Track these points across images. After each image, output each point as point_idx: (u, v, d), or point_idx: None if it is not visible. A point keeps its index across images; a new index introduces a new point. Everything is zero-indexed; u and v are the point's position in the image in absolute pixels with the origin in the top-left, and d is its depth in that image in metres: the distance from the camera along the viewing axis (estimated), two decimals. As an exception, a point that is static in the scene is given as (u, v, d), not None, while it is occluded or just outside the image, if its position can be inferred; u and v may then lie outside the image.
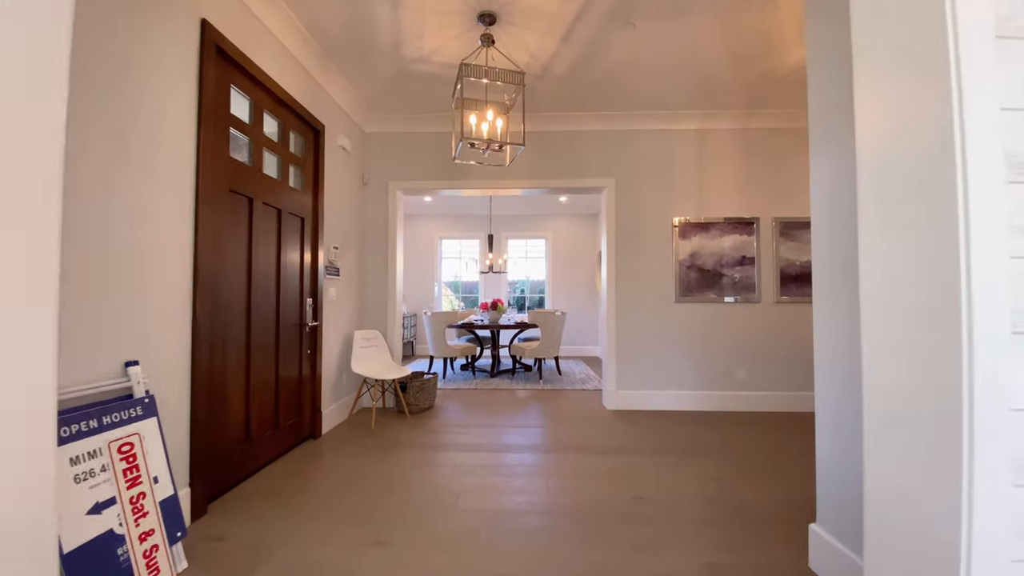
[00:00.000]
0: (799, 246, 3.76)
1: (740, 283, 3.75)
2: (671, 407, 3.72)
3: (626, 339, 3.76)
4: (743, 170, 3.80)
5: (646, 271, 3.78)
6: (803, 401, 3.73)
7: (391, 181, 3.88)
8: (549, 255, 7.33)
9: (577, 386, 4.64)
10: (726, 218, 3.76)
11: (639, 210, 3.80)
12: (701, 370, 3.75)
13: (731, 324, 3.74)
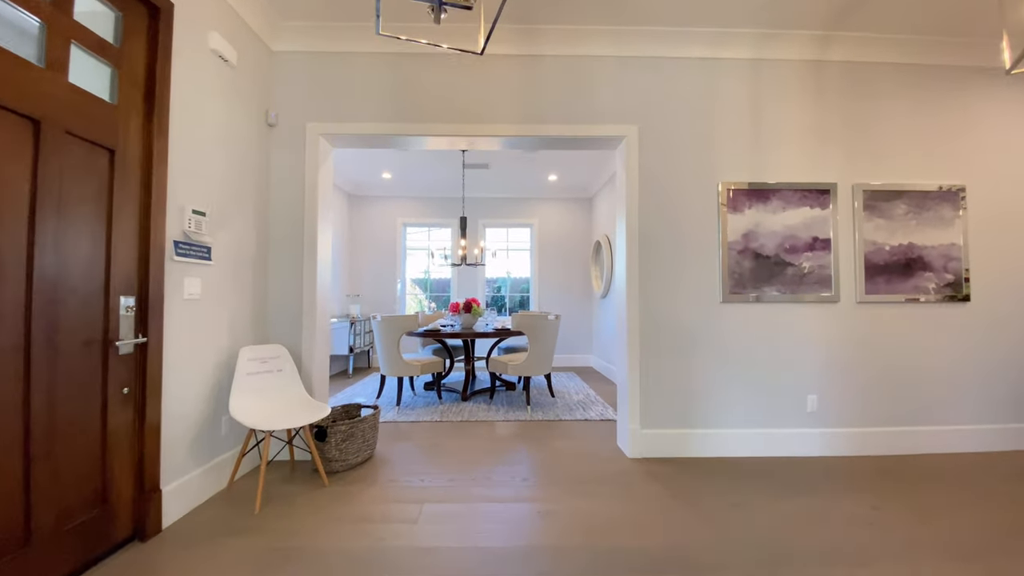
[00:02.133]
0: (890, 224, 2.70)
1: (811, 275, 2.66)
2: (720, 453, 2.60)
3: (654, 358, 2.62)
4: (815, 118, 2.72)
5: (682, 259, 2.65)
6: (904, 440, 2.67)
7: (312, 123, 2.63)
8: (535, 246, 6.16)
9: (577, 414, 3.48)
10: (791, 184, 2.67)
11: (672, 170, 2.67)
12: (760, 399, 2.64)
13: (799, 332, 2.65)
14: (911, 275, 2.70)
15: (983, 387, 2.70)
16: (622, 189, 2.70)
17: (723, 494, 2.08)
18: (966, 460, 2.53)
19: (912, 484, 2.20)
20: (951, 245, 2.71)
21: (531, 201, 6.19)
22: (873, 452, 2.64)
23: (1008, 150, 2.78)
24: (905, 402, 2.67)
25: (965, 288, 2.70)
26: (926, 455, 2.61)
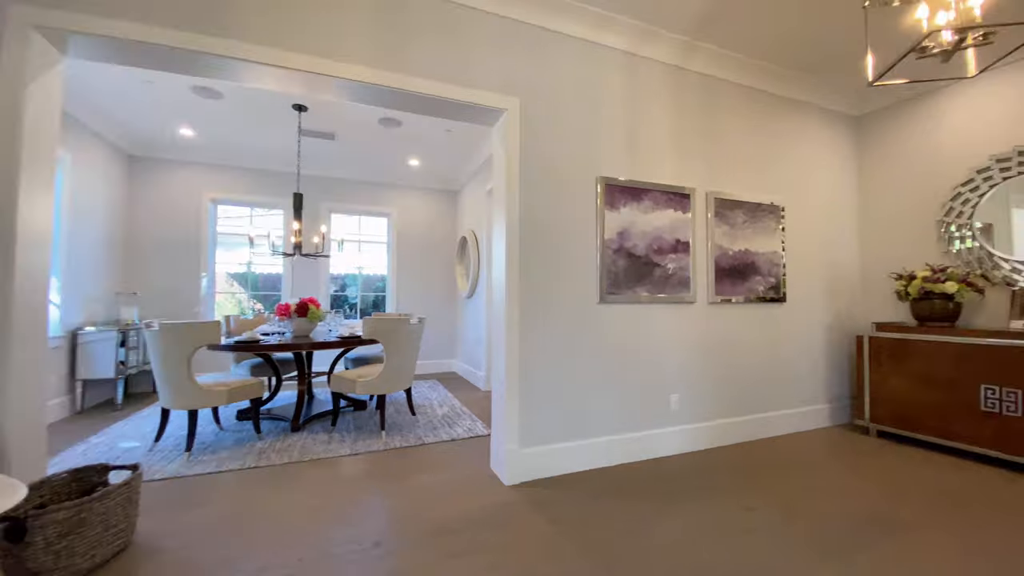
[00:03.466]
0: (732, 231, 2.94)
1: (674, 276, 2.72)
2: (601, 463, 2.43)
3: (536, 365, 2.31)
4: (679, 124, 2.79)
5: (563, 256, 2.40)
6: (744, 429, 2.91)
7: (18, 4, 1.57)
8: (393, 240, 5.45)
9: (442, 433, 2.99)
10: (660, 186, 2.68)
11: (555, 158, 2.40)
12: (634, 401, 2.57)
13: (664, 333, 2.67)
14: (747, 278, 2.98)
15: (796, 376, 3.15)
16: (501, 174, 2.32)
17: (612, 518, 1.86)
18: (790, 442, 2.88)
19: (763, 475, 2.35)
20: (774, 252, 3.09)
21: (389, 188, 5.45)
22: (724, 443, 2.82)
23: (812, 177, 3.31)
24: (745, 393, 2.93)
25: (783, 290, 3.11)
26: (762, 440, 2.90)
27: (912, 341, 2.83)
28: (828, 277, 3.36)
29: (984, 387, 2.48)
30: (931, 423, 2.71)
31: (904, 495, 2.08)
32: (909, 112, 3.25)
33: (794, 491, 2.12)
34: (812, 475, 2.32)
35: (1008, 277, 2.72)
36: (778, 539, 1.70)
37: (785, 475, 2.32)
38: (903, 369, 2.87)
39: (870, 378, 3.05)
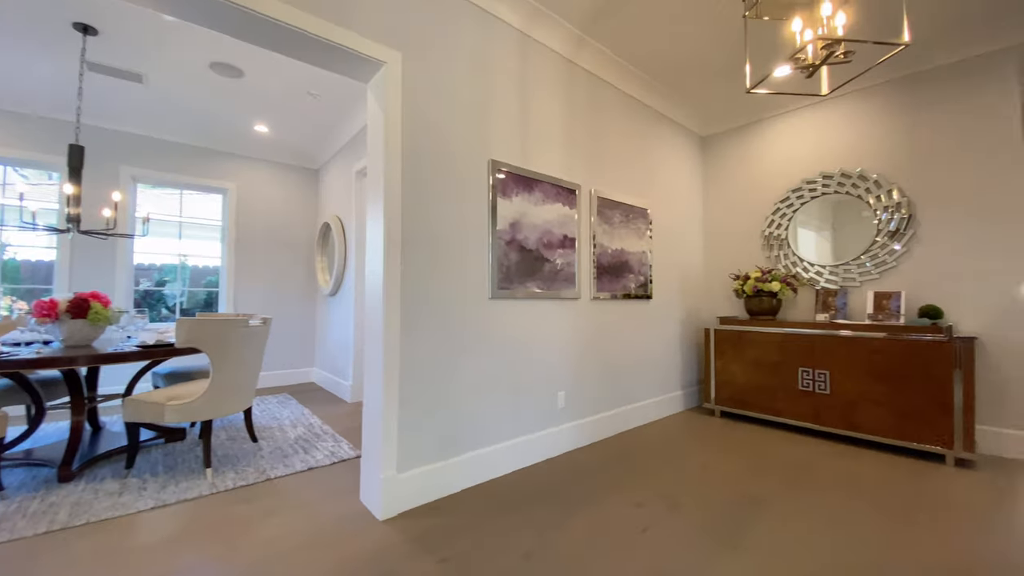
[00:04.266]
0: (611, 230, 3.03)
1: (562, 272, 2.66)
2: (493, 474, 2.20)
3: (418, 372, 1.97)
4: (569, 118, 2.74)
5: (452, 246, 2.11)
6: (620, 420, 3.00)
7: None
8: (231, 223, 4.42)
9: (296, 463, 2.41)
10: (550, 178, 2.59)
11: (443, 129, 2.09)
12: (524, 402, 2.41)
13: (553, 329, 2.59)
14: (623, 276, 3.10)
15: (659, 367, 3.40)
16: (378, 143, 1.92)
17: (509, 538, 1.64)
18: (656, 428, 3.07)
19: (642, 465, 2.41)
20: (643, 253, 3.29)
21: (226, 157, 4.41)
22: (605, 435, 2.87)
23: (672, 186, 3.63)
24: (620, 386, 3.03)
25: (650, 288, 3.33)
26: (635, 429, 3.03)
27: (747, 332, 3.28)
28: (682, 277, 3.73)
29: (801, 370, 2.98)
30: (763, 402, 3.18)
31: (758, 470, 2.33)
32: (743, 137, 3.80)
33: (670, 479, 2.21)
34: (680, 460, 2.47)
35: (813, 279, 3.35)
36: (672, 533, 1.69)
37: (659, 463, 2.42)
38: (740, 357, 3.31)
39: (715, 365, 3.46)
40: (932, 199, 2.83)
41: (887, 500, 1.97)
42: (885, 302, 2.99)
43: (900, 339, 2.57)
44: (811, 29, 1.58)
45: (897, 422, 2.56)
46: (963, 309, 2.70)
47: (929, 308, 2.71)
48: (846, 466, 2.38)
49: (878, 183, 3.04)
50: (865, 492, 2.05)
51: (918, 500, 1.97)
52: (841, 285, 3.22)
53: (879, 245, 3.04)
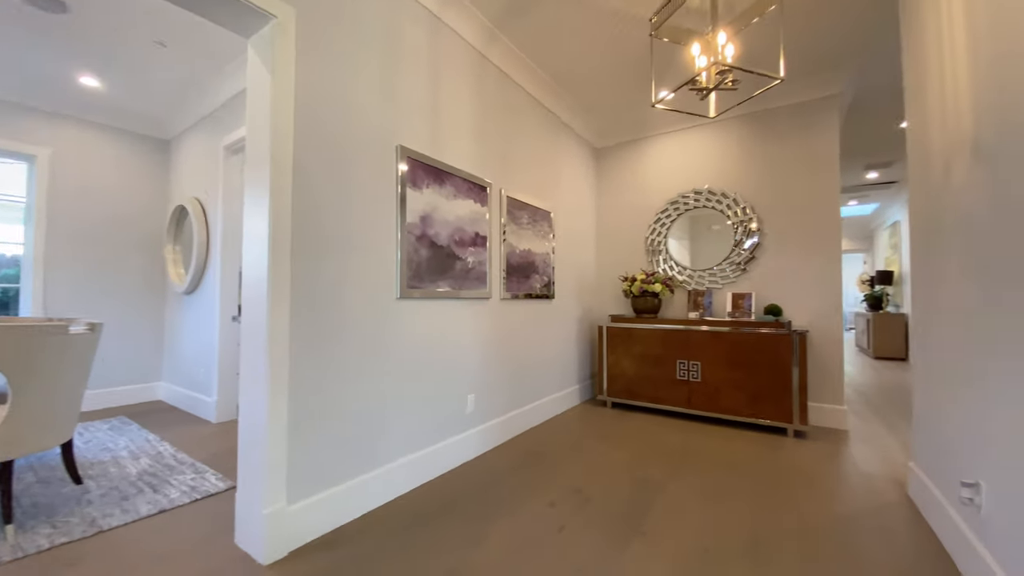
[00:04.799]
0: (519, 230, 3.04)
1: (474, 271, 2.58)
2: (400, 491, 2.00)
3: (313, 383, 1.70)
4: (480, 112, 2.67)
5: (355, 238, 1.87)
6: (526, 418, 3.02)
7: None
8: (42, 200, 3.38)
9: (140, 506, 1.91)
10: (462, 172, 2.49)
11: (345, 104, 1.85)
12: (433, 410, 2.26)
13: (464, 330, 2.49)
14: (529, 276, 3.15)
15: (559, 363, 3.53)
16: (263, 113, 1.60)
17: (424, 563, 1.50)
18: (558, 423, 3.18)
19: (549, 462, 2.45)
20: (547, 254, 3.38)
21: (37, 115, 3.36)
22: (512, 435, 2.86)
23: (571, 191, 3.80)
24: (525, 384, 3.06)
25: (552, 288, 3.44)
26: (539, 426, 3.09)
27: (634, 329, 3.59)
28: (579, 278, 3.94)
29: (678, 361, 3.36)
30: (648, 392, 3.50)
31: (649, 456, 2.54)
32: (631, 151, 4.16)
33: (576, 473, 2.29)
34: (582, 453, 2.58)
35: (686, 282, 3.80)
36: (586, 528, 1.73)
37: (565, 458, 2.50)
38: (629, 351, 3.61)
39: (607, 360, 3.72)
40: (773, 215, 3.42)
41: (751, 472, 2.30)
42: (740, 301, 3.53)
43: (752, 333, 3.05)
44: (706, 56, 1.76)
45: (751, 403, 3.04)
46: (796, 307, 3.32)
47: (772, 307, 3.27)
48: (716, 445, 2.73)
49: (736, 200, 3.57)
50: (734, 467, 2.37)
51: (773, 470, 2.34)
52: (707, 287, 3.71)
53: (735, 253, 3.57)
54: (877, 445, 2.76)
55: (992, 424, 1.28)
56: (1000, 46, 1.20)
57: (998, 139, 1.22)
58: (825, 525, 1.76)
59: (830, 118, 3.20)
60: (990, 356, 1.29)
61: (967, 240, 1.43)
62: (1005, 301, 1.20)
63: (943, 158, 1.59)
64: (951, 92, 1.51)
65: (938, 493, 1.67)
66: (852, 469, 2.34)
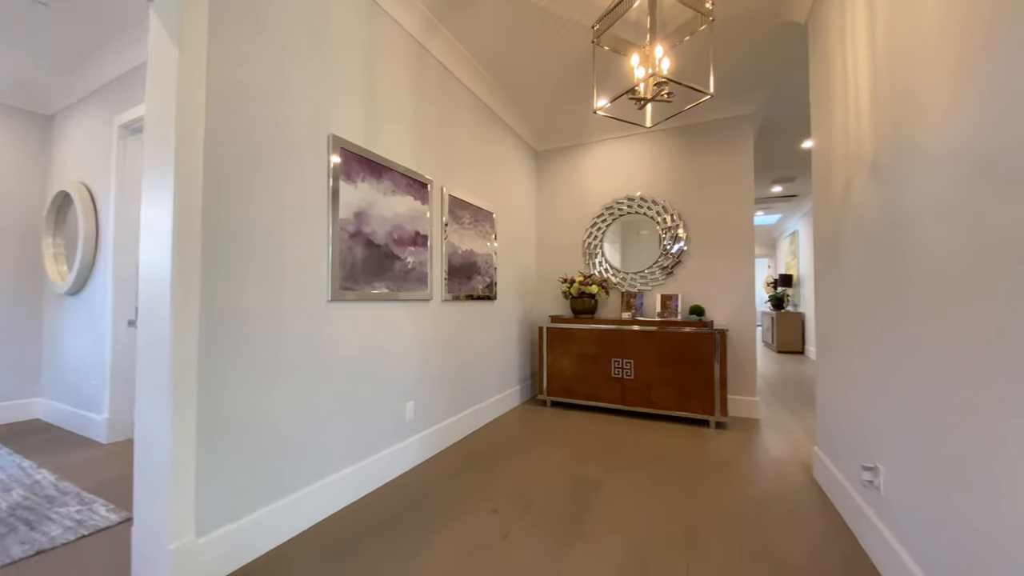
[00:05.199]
0: (461, 230, 2.98)
1: (414, 272, 2.47)
2: (328, 511, 1.85)
3: (228, 398, 1.51)
4: (420, 105, 2.57)
5: (280, 235, 1.70)
6: (467, 422, 2.97)
7: None
8: None
9: (13, 549, 1.57)
10: (401, 167, 2.38)
11: (267, 86, 1.67)
12: (367, 420, 2.13)
13: (403, 334, 2.38)
14: (472, 277, 3.10)
15: (501, 365, 3.52)
16: (168, 88, 1.40)
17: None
18: (499, 425, 3.16)
19: (490, 466, 2.42)
20: (489, 255, 3.35)
21: None
22: (454, 441, 2.79)
23: (513, 193, 3.81)
24: (467, 388, 3.01)
25: (494, 290, 3.42)
26: (480, 429, 3.04)
27: (572, 329, 3.68)
28: (520, 279, 3.96)
29: (613, 360, 3.49)
30: (585, 390, 3.60)
31: (587, 454, 2.60)
32: (570, 156, 4.26)
33: (518, 476, 2.28)
34: (523, 454, 2.59)
35: (619, 283, 3.97)
36: (530, 534, 1.72)
37: (506, 461, 2.48)
38: (567, 351, 3.69)
39: (547, 360, 3.78)
40: (697, 222, 3.68)
41: (679, 464, 2.45)
42: (668, 302, 3.75)
43: (679, 332, 3.25)
44: (644, 68, 1.83)
45: (679, 397, 3.24)
46: (717, 307, 3.60)
47: (696, 307, 3.51)
48: (648, 439, 2.87)
49: (665, 208, 3.80)
50: (665, 460, 2.51)
51: (699, 460, 2.51)
52: (639, 288, 3.91)
53: (663, 257, 3.80)
54: (784, 431, 3.06)
55: (888, 412, 1.46)
56: (897, 84, 1.37)
57: (892, 163, 1.39)
58: (746, 511, 1.91)
59: (746, 135, 3.51)
60: (883, 351, 1.47)
61: (863, 247, 1.62)
62: (893, 302, 1.38)
63: (845, 176, 1.80)
64: (854, 120, 1.70)
65: (840, 476, 1.89)
66: (765, 456, 2.57)
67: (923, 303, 1.20)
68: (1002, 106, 0.90)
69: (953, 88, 1.07)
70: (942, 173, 1.12)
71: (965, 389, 1.03)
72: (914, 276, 1.25)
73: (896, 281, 1.36)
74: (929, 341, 1.17)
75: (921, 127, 1.21)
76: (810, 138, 4.35)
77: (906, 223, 1.30)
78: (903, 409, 1.32)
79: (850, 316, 1.76)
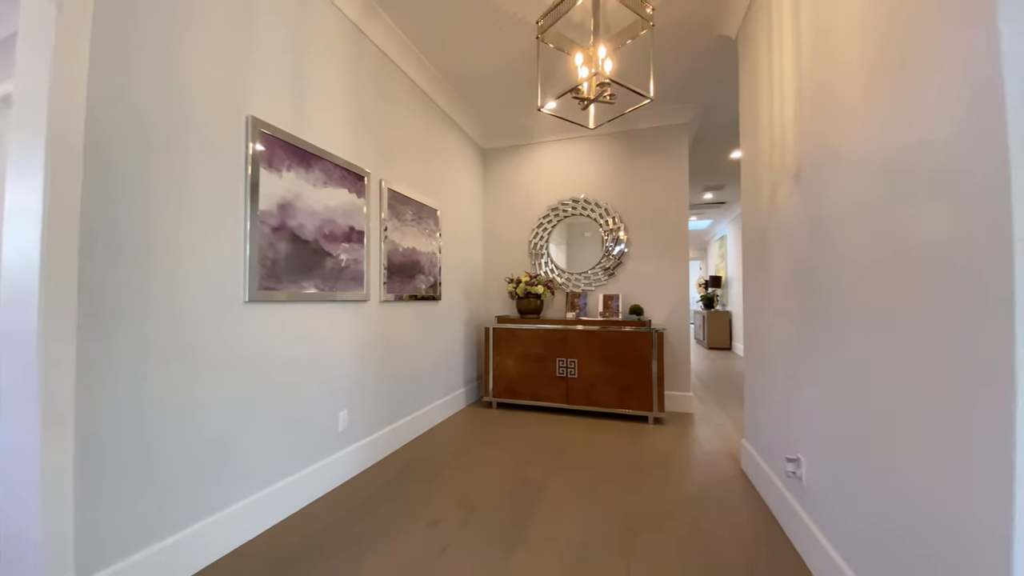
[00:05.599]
0: (403, 226, 2.84)
1: (348, 270, 2.30)
2: (246, 536, 1.65)
3: (119, 416, 1.29)
4: (355, 93, 2.40)
5: (185, 227, 1.49)
6: (409, 429, 2.83)
7: None
8: None
9: None
10: (334, 157, 2.20)
11: (173, 58, 1.45)
12: (295, 432, 1.94)
13: (336, 338, 2.21)
14: (414, 276, 2.96)
15: (445, 368, 3.40)
16: (41, 56, 1.16)
17: (277, 622, 1.25)
18: (442, 431, 3.05)
19: (430, 475, 2.31)
20: (433, 253, 3.23)
21: None
22: (393, 449, 2.64)
23: (458, 190, 3.70)
24: (408, 393, 2.87)
25: (439, 290, 3.30)
26: (423, 435, 2.92)
27: (518, 329, 3.65)
28: (466, 278, 3.87)
29: (558, 359, 3.51)
30: (530, 391, 3.59)
31: (531, 456, 2.57)
32: (517, 156, 4.24)
33: (460, 483, 2.20)
34: (467, 460, 2.51)
35: (564, 284, 4.00)
36: (470, 545, 1.64)
37: (449, 468, 2.39)
38: (513, 352, 3.66)
39: (493, 361, 3.72)
40: (636, 224, 3.80)
41: (620, 462, 2.49)
42: (610, 302, 3.85)
43: (620, 331, 3.33)
44: (587, 67, 1.82)
45: (620, 395, 3.32)
46: (654, 306, 3.73)
47: (635, 307, 3.62)
48: (590, 437, 2.91)
49: (607, 210, 3.88)
50: (606, 458, 2.54)
51: (638, 457, 2.57)
52: (583, 288, 3.97)
53: (606, 258, 3.88)
54: (715, 424, 3.24)
55: (808, 406, 1.55)
56: (820, 97, 1.46)
57: (813, 172, 1.48)
58: (682, 505, 1.97)
59: (682, 143, 3.68)
60: (804, 349, 1.56)
61: (786, 251, 1.72)
62: (812, 304, 1.47)
63: (771, 184, 1.91)
64: (779, 130, 1.80)
65: (766, 467, 2.00)
66: (699, 450, 2.69)
67: (838, 303, 1.29)
68: (906, 116, 0.97)
69: (866, 102, 1.14)
70: (855, 181, 1.19)
71: (874, 386, 1.10)
72: (829, 278, 1.33)
73: (815, 284, 1.45)
74: (844, 340, 1.25)
75: (840, 137, 1.30)
76: (739, 148, 4.67)
77: (823, 228, 1.38)
78: (822, 405, 1.41)
79: (775, 316, 1.86)
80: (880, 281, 1.08)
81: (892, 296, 1.03)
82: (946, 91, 0.86)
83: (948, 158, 0.86)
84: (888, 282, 1.05)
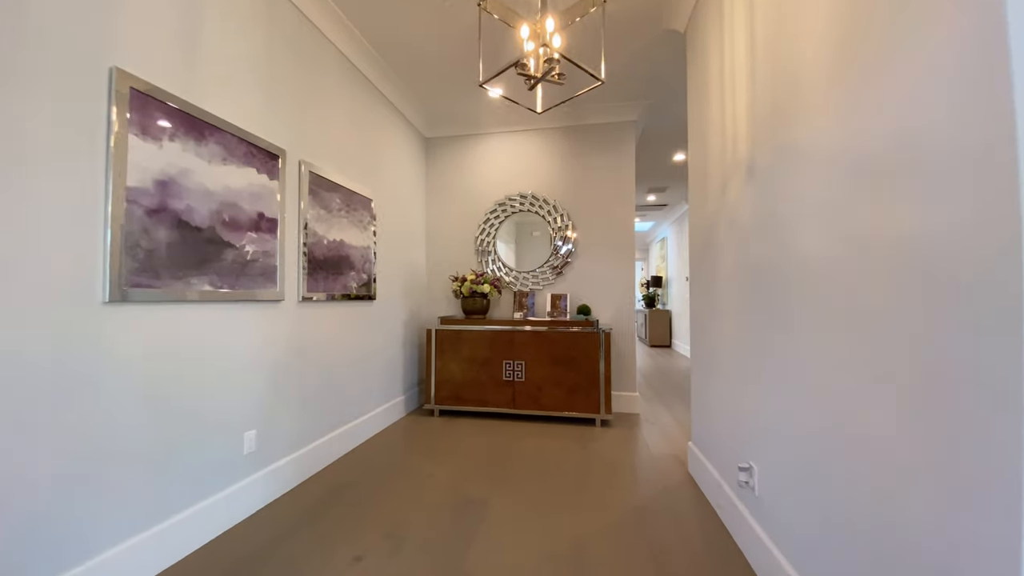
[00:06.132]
0: (328, 216, 2.52)
1: (256, 264, 1.96)
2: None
3: None
4: (267, 56, 2.05)
5: (7, 204, 1.12)
6: (336, 445, 2.50)
7: None
8: None
9: None
10: (238, 130, 1.85)
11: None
12: (182, 464, 1.59)
13: (238, 345, 1.86)
14: (343, 273, 2.64)
15: (381, 375, 3.10)
16: None
17: None
18: (376, 445, 2.75)
19: (358, 499, 2.04)
20: (367, 248, 2.92)
21: None
22: (316, 470, 2.31)
23: (397, 179, 3.40)
24: (336, 404, 2.55)
25: (373, 288, 3.00)
26: (354, 451, 2.60)
27: (463, 331, 3.43)
28: (406, 276, 3.59)
29: (505, 362, 3.32)
30: (475, 396, 3.38)
31: (473, 470, 2.36)
32: (463, 146, 4.00)
33: (393, 507, 1.94)
34: (403, 477, 2.25)
35: (512, 283, 3.83)
36: None
37: (381, 488, 2.13)
38: (457, 355, 3.43)
39: (435, 365, 3.47)
40: (584, 223, 3.72)
41: (566, 470, 2.35)
42: (558, 302, 3.73)
43: (568, 331, 3.22)
44: (534, 42, 1.64)
45: (568, 397, 3.20)
46: (601, 306, 3.66)
47: (583, 307, 3.53)
48: (537, 445, 2.75)
49: (555, 207, 3.76)
50: (551, 467, 2.39)
51: (584, 464, 2.44)
52: (531, 288, 3.82)
53: (553, 256, 3.76)
54: (661, 425, 3.21)
55: (761, 411, 1.47)
56: (777, 95, 1.37)
57: (768, 164, 1.40)
58: (630, 515, 1.85)
59: (629, 141, 3.64)
60: (755, 350, 1.49)
61: (738, 248, 1.65)
62: (761, 302, 1.38)
63: (721, 178, 1.84)
64: (731, 126, 1.73)
65: (715, 472, 1.94)
66: (646, 453, 2.62)
67: (793, 303, 1.20)
68: (882, 102, 0.88)
69: (828, 94, 1.05)
70: (814, 174, 1.11)
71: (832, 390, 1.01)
72: (783, 277, 1.25)
73: (762, 275, 1.37)
74: (797, 340, 1.17)
75: (800, 130, 1.21)
76: (682, 151, 4.75)
77: (780, 222, 1.30)
78: (775, 408, 1.33)
79: (723, 315, 1.80)
80: (842, 280, 0.99)
81: (855, 296, 0.94)
82: (936, 71, 0.76)
83: (935, 147, 0.76)
84: (850, 281, 0.96)
